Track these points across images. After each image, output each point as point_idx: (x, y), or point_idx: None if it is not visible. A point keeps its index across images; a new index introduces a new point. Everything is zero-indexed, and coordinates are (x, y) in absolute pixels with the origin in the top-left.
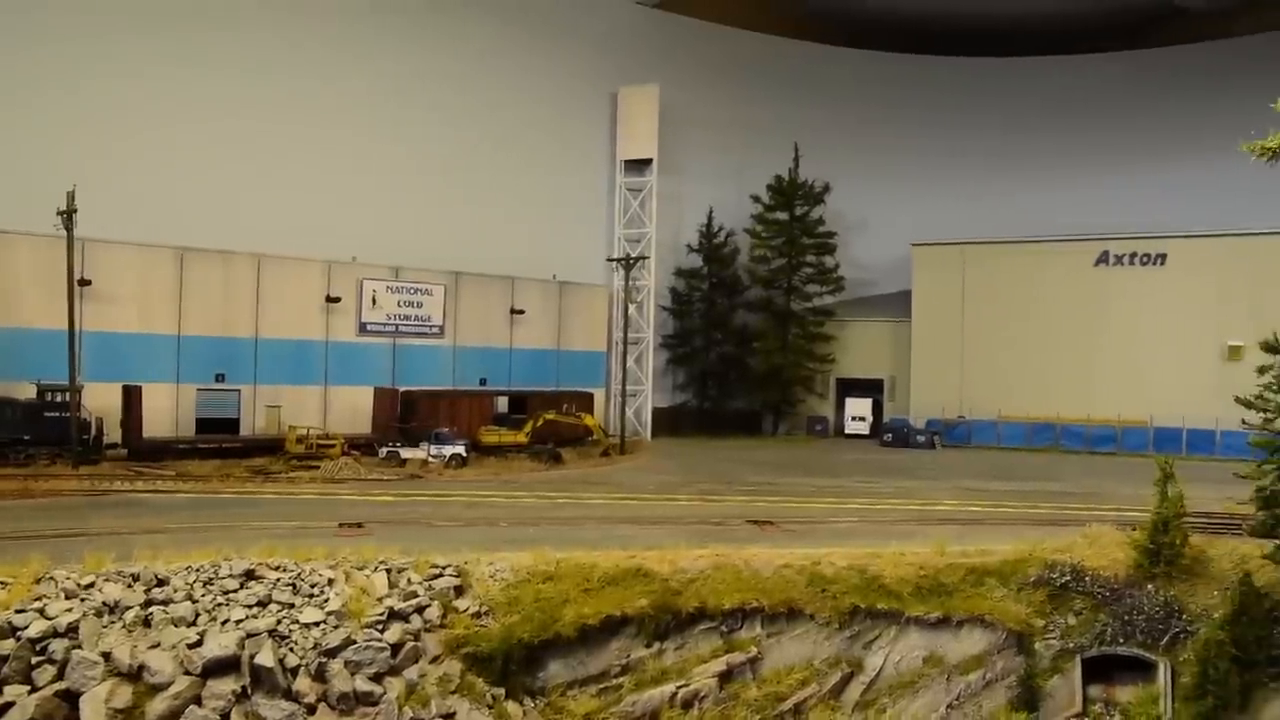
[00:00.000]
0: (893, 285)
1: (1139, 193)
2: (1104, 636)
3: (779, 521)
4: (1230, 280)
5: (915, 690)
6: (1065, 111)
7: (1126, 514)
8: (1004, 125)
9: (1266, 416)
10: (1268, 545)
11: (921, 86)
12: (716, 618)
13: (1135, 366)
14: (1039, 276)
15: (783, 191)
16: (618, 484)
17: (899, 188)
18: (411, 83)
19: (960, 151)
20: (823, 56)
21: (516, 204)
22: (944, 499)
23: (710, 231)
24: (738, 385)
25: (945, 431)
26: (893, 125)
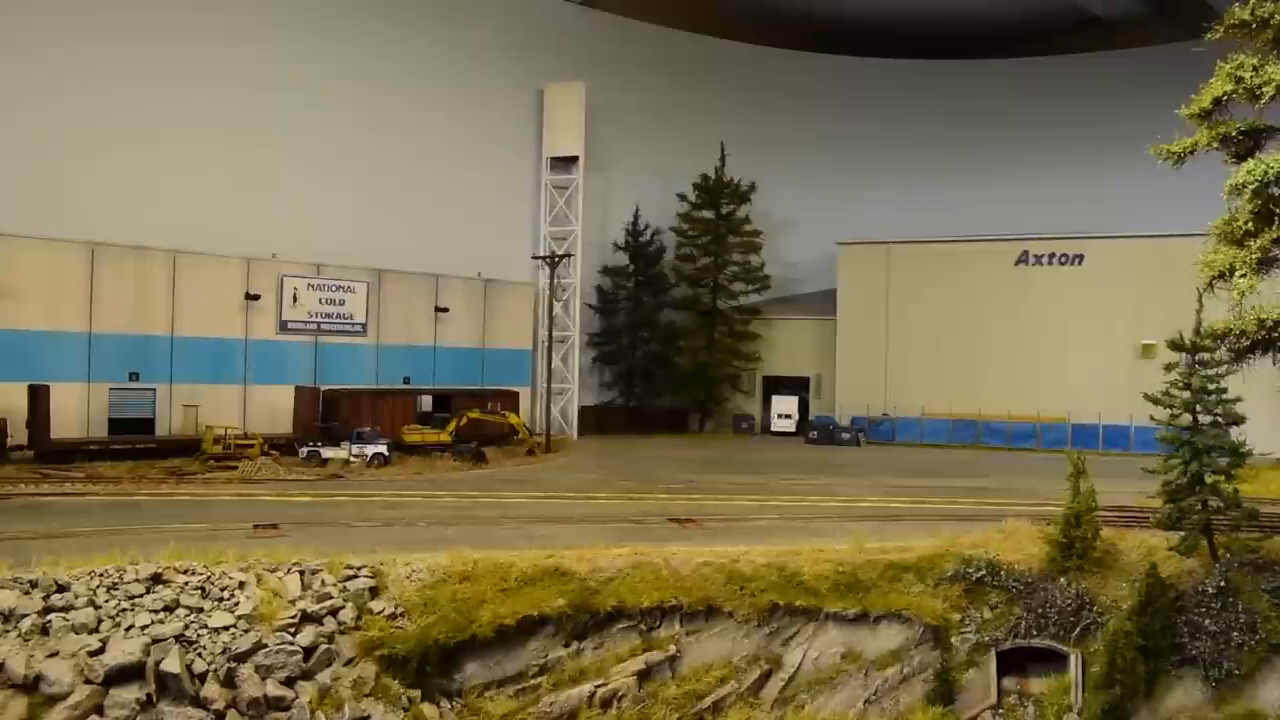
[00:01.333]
0: (819, 284)
1: (1059, 194)
2: (1018, 629)
3: (700, 519)
4: (1145, 280)
5: (833, 686)
6: (988, 114)
7: (1043, 509)
8: (929, 126)
9: (1172, 413)
10: (1173, 537)
11: (849, 87)
12: (635, 616)
13: (1054, 364)
14: (962, 276)
15: (709, 190)
16: (540, 483)
17: (826, 187)
18: (335, 78)
19: (886, 152)
20: (750, 56)
21: (441, 201)
22: (866, 496)
23: (636, 230)
24: (664, 383)
25: (870, 429)
26: (820, 125)
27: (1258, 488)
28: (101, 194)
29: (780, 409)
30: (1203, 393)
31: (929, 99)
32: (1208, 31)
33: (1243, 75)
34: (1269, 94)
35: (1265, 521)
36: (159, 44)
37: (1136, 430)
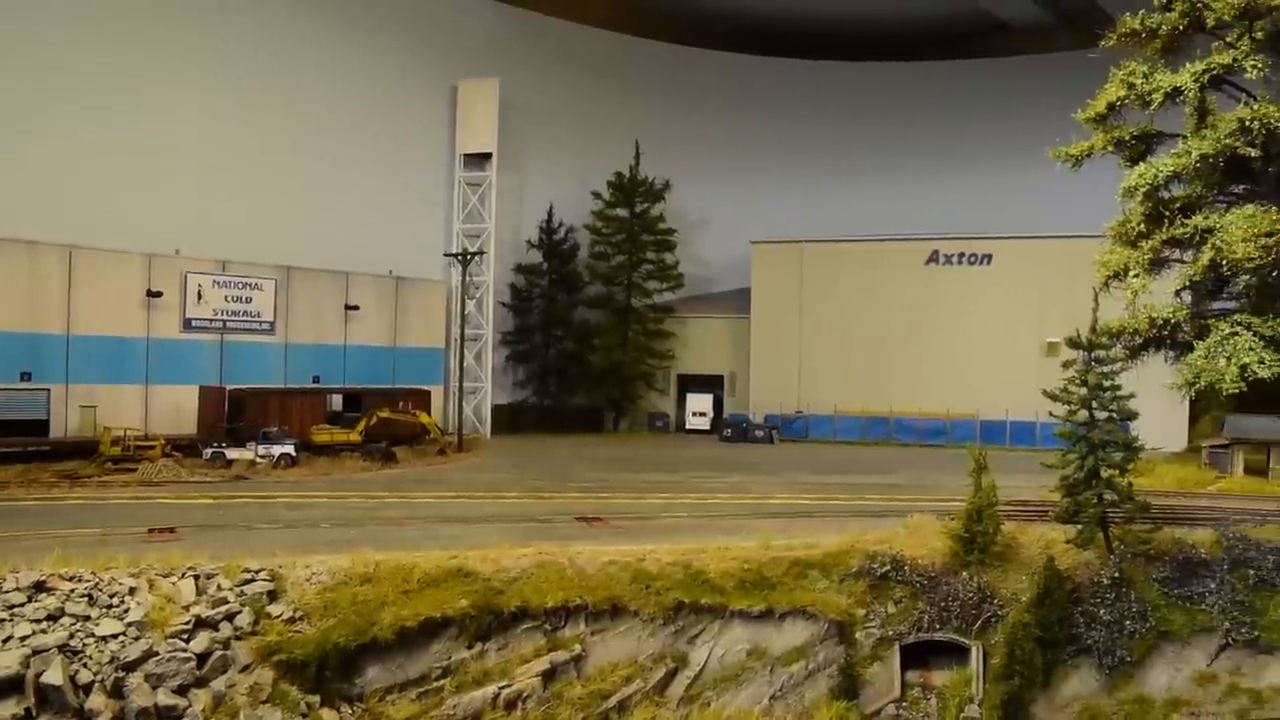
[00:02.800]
0: (734, 282)
1: (970, 195)
2: (922, 623)
3: (608, 518)
4: (1050, 280)
5: (739, 683)
6: (901, 115)
7: (949, 504)
8: (843, 127)
9: (1070, 409)
10: (1071, 530)
11: (764, 87)
12: (540, 616)
13: (964, 362)
14: (873, 275)
15: (623, 188)
16: (449, 482)
17: (740, 186)
18: (241, 70)
19: (801, 151)
20: (666, 55)
21: (352, 197)
22: (776, 493)
23: (550, 228)
24: (578, 382)
25: (783, 426)
26: (735, 124)
27: (1153, 481)
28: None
29: (695, 407)
30: (1099, 389)
31: (843, 100)
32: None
33: (1134, 82)
34: (1158, 100)
35: (1157, 514)
36: (56, 29)
37: (1042, 427)
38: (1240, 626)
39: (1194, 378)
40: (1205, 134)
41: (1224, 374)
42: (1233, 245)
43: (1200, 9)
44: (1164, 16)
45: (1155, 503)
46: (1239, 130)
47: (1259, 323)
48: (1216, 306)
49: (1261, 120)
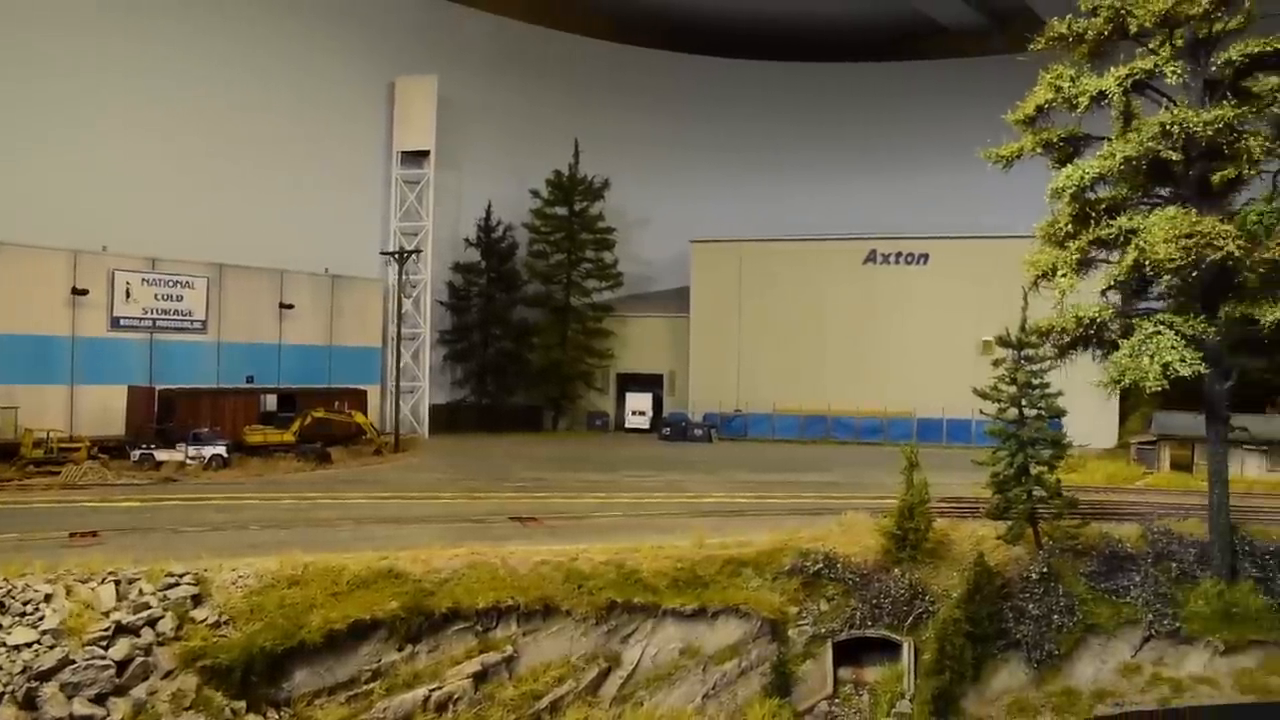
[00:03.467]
0: (673, 281)
1: (907, 195)
2: (854, 620)
3: (543, 518)
4: (986, 279)
5: (672, 682)
6: (840, 115)
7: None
8: (783, 126)
9: (1000, 407)
10: (1001, 527)
11: (704, 86)
12: (471, 617)
13: (901, 360)
14: (812, 274)
15: (562, 187)
16: (384, 483)
17: (681, 185)
18: (172, 62)
19: (741, 151)
20: (607, 54)
21: (287, 195)
22: (712, 491)
23: (489, 226)
24: (517, 381)
25: (722, 425)
26: (676, 123)
27: (1084, 477)
28: None
29: (634, 406)
30: (1028, 387)
31: (783, 100)
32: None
33: (1061, 85)
34: (1084, 103)
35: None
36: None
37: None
38: (1163, 618)
39: (1119, 376)
40: (1129, 137)
41: (1147, 372)
42: (1155, 246)
43: (1124, 16)
44: (1090, 22)
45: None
46: (1160, 134)
47: (1180, 322)
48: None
49: (1180, 124)
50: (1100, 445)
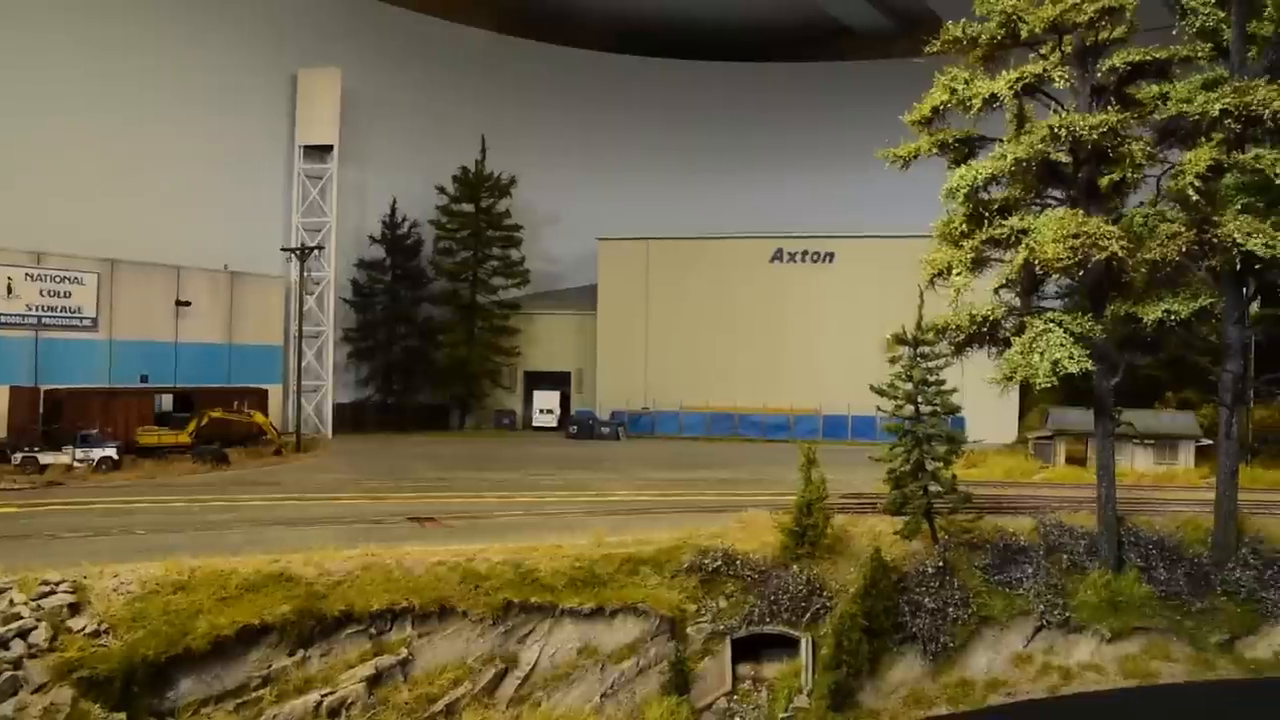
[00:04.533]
0: (581, 279)
1: (816, 194)
2: (752, 617)
3: (441, 518)
4: (890, 278)
5: (570, 682)
6: (750, 114)
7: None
8: (692, 125)
9: (897, 403)
10: (898, 522)
11: (613, 84)
12: (364, 620)
13: (807, 358)
14: (719, 272)
15: (469, 183)
16: (282, 484)
17: (589, 183)
18: (63, 52)
19: (650, 148)
20: (515, 49)
21: (184, 188)
22: (616, 489)
23: (394, 222)
24: (423, 379)
25: (630, 422)
26: (584, 121)
27: (983, 472)
28: None
29: (542, 404)
30: (923, 384)
31: (693, 98)
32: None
33: (956, 87)
34: (977, 105)
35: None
36: None
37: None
38: (1054, 608)
39: (1011, 372)
40: (1020, 139)
41: (1037, 369)
42: (1043, 246)
43: (1015, 22)
44: (983, 26)
45: (983, 492)
46: (1049, 136)
47: (1069, 320)
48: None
49: (1068, 128)
50: (1001, 441)
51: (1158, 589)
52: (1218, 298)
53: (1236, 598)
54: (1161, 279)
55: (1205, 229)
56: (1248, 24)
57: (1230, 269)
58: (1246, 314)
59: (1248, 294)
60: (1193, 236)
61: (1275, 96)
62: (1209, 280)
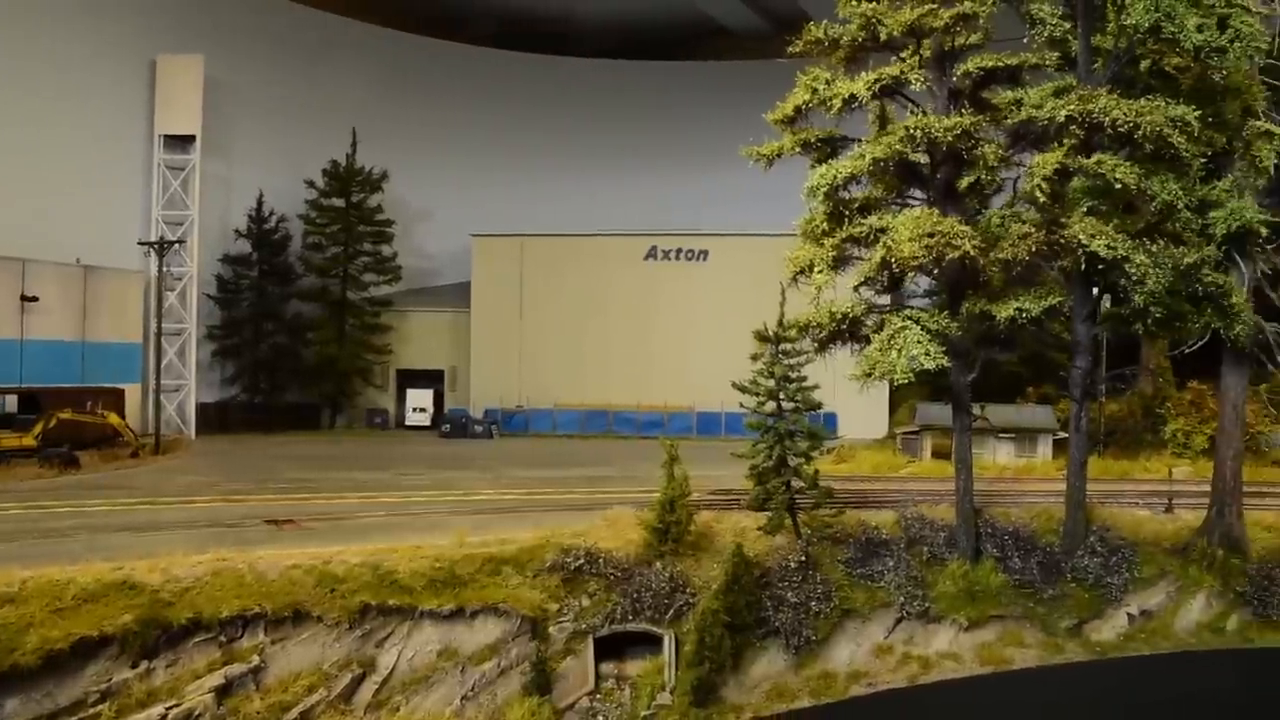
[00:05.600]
0: (455, 275)
1: (691, 192)
2: (615, 615)
3: (301, 520)
4: (762, 276)
5: (429, 685)
6: (626, 112)
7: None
8: (569, 121)
9: (759, 400)
10: (762, 517)
11: (490, 79)
12: (214, 628)
13: (681, 355)
14: (594, 269)
15: (339, 177)
16: (136, 488)
17: (464, 178)
18: None
19: (526, 145)
20: (386, 41)
21: (31, 177)
22: (484, 489)
23: (261, 216)
24: (292, 378)
25: (503, 421)
26: (459, 116)
27: (852, 467)
28: None
29: (415, 403)
30: (785, 381)
31: (569, 95)
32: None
33: (817, 87)
34: (837, 106)
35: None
36: None
37: None
38: (914, 600)
39: (870, 368)
40: (878, 140)
41: (895, 365)
42: (900, 244)
43: (875, 25)
44: (845, 29)
45: (850, 487)
46: (905, 137)
47: (926, 318)
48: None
49: (923, 129)
50: (871, 436)
51: (1012, 578)
52: (1066, 296)
53: (1084, 584)
54: (1017, 278)
55: (1054, 230)
56: (1092, 36)
57: (1078, 269)
58: (1096, 312)
59: (1097, 293)
60: (1042, 237)
61: (1114, 105)
62: (1060, 279)
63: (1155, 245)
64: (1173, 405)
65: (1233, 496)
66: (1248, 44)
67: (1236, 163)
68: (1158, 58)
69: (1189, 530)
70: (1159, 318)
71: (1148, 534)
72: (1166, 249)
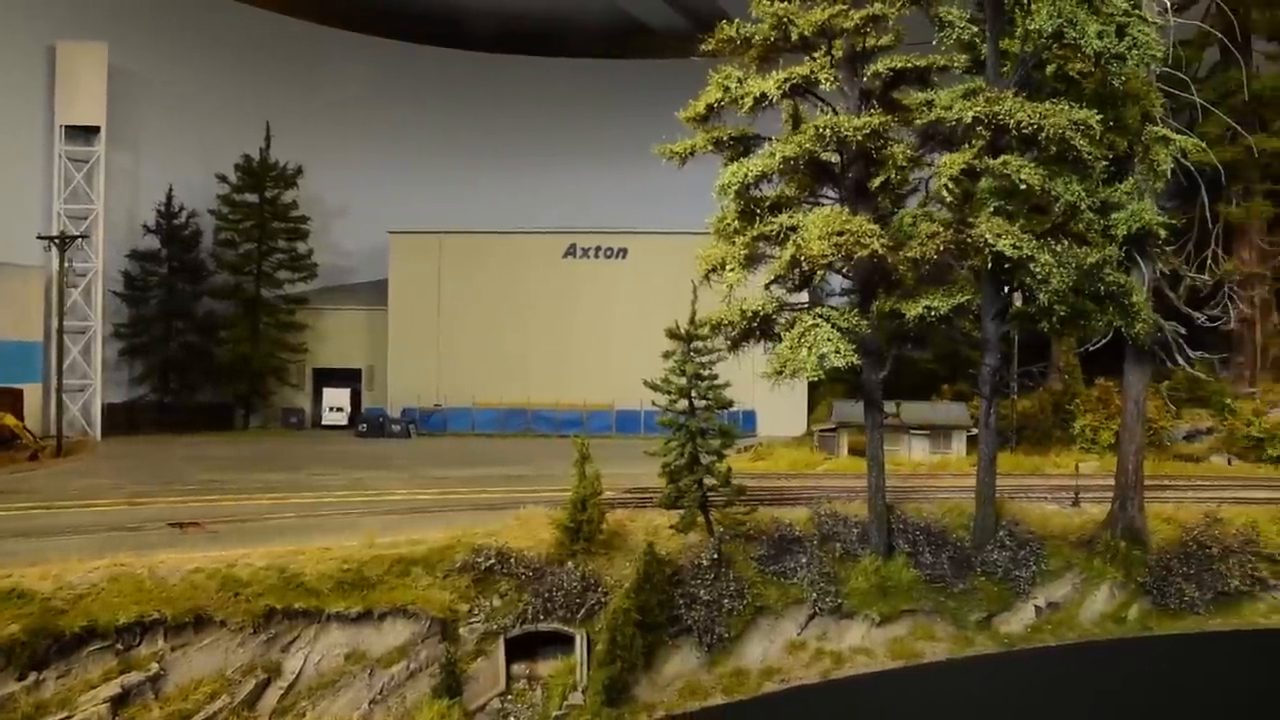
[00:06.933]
0: (373, 273)
1: (613, 189)
2: (526, 615)
3: (206, 522)
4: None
5: (337, 689)
6: (549, 109)
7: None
8: (487, 118)
9: (671, 398)
10: (675, 516)
11: (408, 75)
12: (110, 636)
13: (601, 353)
14: (513, 267)
15: (252, 172)
16: (33, 491)
17: (384, 175)
18: None
19: (444, 142)
20: (303, 34)
21: None
22: (397, 488)
23: (170, 211)
24: (204, 377)
25: (421, 420)
26: (379, 111)
27: (771, 464)
28: None
29: (331, 402)
30: (696, 379)
31: (487, 92)
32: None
33: (730, 86)
34: (748, 104)
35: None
36: None
37: None
38: (826, 596)
39: (781, 366)
40: (789, 138)
41: (805, 363)
42: (809, 243)
43: (787, 25)
44: (757, 27)
45: (767, 484)
46: (816, 136)
47: (837, 316)
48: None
49: (833, 128)
50: (790, 433)
51: (924, 573)
52: (975, 295)
53: (994, 578)
54: (929, 276)
55: (962, 230)
56: (1000, 40)
57: (986, 268)
58: (1006, 311)
59: (1008, 292)
60: (950, 237)
61: (1019, 108)
62: (971, 278)
63: (1060, 245)
64: (1081, 402)
65: (1135, 490)
66: (1144, 52)
67: (1137, 166)
68: (1062, 63)
69: (1094, 523)
70: (1063, 316)
71: (1055, 528)
72: (1070, 249)
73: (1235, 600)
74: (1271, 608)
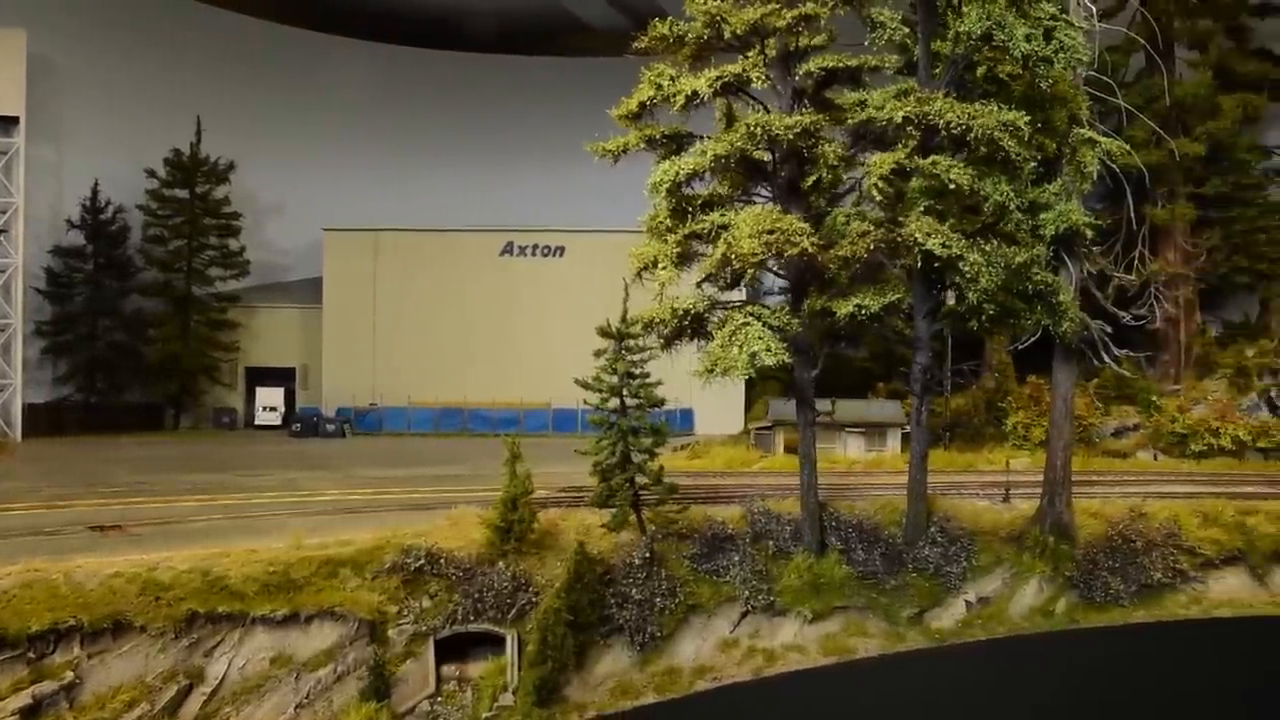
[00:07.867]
0: (308, 271)
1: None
2: (456, 616)
3: (127, 525)
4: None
5: (262, 694)
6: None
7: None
8: (422, 115)
9: (602, 397)
10: (606, 515)
11: (346, 69)
12: (21, 644)
13: (538, 352)
14: (449, 265)
15: (183, 167)
16: None
17: (317, 172)
18: None
19: (380, 139)
20: (236, 27)
21: None
22: (329, 489)
23: (96, 206)
24: (133, 377)
25: (356, 419)
26: (313, 107)
27: (706, 462)
28: None
29: (264, 401)
30: (628, 377)
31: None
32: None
33: (662, 84)
34: (680, 102)
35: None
36: None
37: None
38: (759, 594)
39: (712, 365)
40: (722, 137)
41: (736, 361)
42: (740, 241)
43: (719, 23)
44: (690, 25)
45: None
46: (748, 135)
47: (768, 314)
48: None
49: (764, 127)
50: (727, 431)
51: (856, 569)
52: (906, 293)
53: (925, 573)
54: (862, 275)
55: (892, 229)
56: (932, 42)
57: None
58: (938, 309)
59: (939, 291)
60: (881, 235)
61: (949, 108)
62: (903, 277)
63: (989, 245)
64: (1014, 399)
65: (1063, 486)
66: (1071, 56)
67: (1065, 168)
68: (992, 65)
69: (1024, 519)
70: (992, 314)
71: (986, 523)
72: (999, 249)
73: (1158, 592)
74: (1191, 599)
